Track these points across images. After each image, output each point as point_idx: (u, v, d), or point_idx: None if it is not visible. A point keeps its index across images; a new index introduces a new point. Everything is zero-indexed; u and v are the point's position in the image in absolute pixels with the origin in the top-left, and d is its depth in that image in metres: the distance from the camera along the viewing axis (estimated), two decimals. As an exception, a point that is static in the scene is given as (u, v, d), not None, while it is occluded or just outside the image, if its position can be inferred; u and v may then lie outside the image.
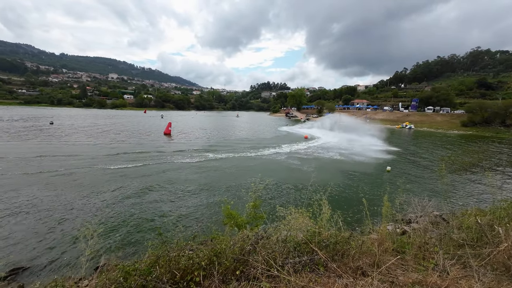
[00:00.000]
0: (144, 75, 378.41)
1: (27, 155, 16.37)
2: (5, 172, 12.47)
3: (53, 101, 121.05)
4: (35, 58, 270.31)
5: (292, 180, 13.12)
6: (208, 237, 5.86)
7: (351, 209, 9.14)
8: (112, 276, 3.07)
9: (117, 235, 7.14)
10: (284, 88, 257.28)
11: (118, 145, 22.01)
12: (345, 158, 19.68)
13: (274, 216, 8.08)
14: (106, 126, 39.62)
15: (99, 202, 9.39)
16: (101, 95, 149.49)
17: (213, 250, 3.12)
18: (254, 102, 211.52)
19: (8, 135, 24.94)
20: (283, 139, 31.25)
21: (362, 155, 21.19)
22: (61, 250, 6.38)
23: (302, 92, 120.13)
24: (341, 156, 20.47)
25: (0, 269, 5.51)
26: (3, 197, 9.49)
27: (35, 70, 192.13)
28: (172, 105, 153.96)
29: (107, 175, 12.77)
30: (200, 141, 26.74)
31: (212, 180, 12.68)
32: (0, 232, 7.10)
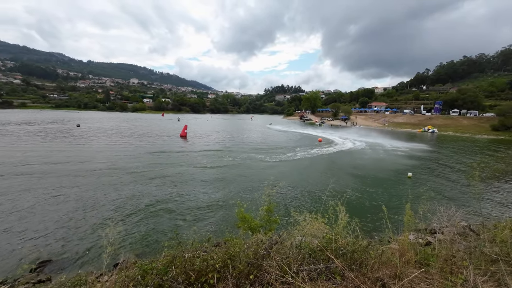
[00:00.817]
0: (162, 79, 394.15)
1: (53, 157, 17.60)
2: (36, 171, 13.50)
3: (80, 105, 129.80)
4: (66, 65, 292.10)
5: (307, 184, 12.88)
6: (222, 239, 5.90)
7: (369, 216, 8.77)
8: (130, 273, 3.18)
9: (135, 233, 7.41)
10: (298, 91, 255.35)
11: (138, 146, 22.98)
12: (363, 163, 19.01)
13: (288, 221, 7.97)
14: (127, 128, 41.64)
15: (120, 200, 9.83)
16: (123, 99, 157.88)
17: (227, 253, 3.12)
18: (268, 105, 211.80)
19: (42, 138, 27.03)
20: (298, 142, 30.88)
21: (381, 160, 20.34)
22: (85, 246, 6.73)
23: (317, 95, 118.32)
24: (360, 161, 19.80)
25: (31, 262, 5.93)
26: (35, 194, 10.25)
27: (65, 77, 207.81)
28: (188, 109, 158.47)
29: (127, 175, 13.36)
30: (215, 143, 27.17)
31: (225, 182, 12.80)
32: (32, 227, 7.65)
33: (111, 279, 5.26)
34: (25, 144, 22.05)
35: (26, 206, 8.99)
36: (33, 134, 29.06)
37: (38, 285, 5.38)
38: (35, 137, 26.69)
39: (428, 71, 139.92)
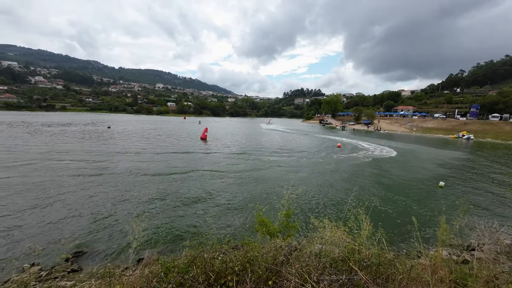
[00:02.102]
0: (185, 84, 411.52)
1: (87, 156, 19.12)
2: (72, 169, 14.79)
3: (111, 108, 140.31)
4: (100, 72, 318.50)
5: (327, 190, 12.48)
6: (240, 242, 5.92)
7: (396, 228, 8.22)
8: (154, 270, 3.32)
9: (158, 231, 7.73)
10: (318, 94, 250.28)
11: (162, 148, 24.13)
12: (389, 170, 17.96)
13: (308, 227, 7.76)
14: (153, 130, 44.02)
15: (144, 198, 10.35)
16: (149, 102, 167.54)
17: (246, 257, 3.12)
18: (286, 108, 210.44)
19: (79, 139, 29.60)
20: (318, 146, 30.14)
21: (409, 167, 19.05)
22: (113, 240, 7.17)
23: (338, 98, 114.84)
24: (386, 168, 18.75)
25: (67, 251, 6.47)
26: (71, 189, 11.21)
27: (99, 82, 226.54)
28: (208, 112, 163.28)
29: (152, 175, 14.05)
30: (234, 146, 27.55)
31: (244, 185, 12.88)
32: (67, 219, 8.35)
33: (135, 273, 5.53)
34: (64, 143, 24.31)
35: (63, 200, 9.86)
36: (71, 134, 32.01)
37: (72, 274, 5.82)
38: (73, 138, 29.34)
39: (462, 72, 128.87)
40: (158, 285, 2.74)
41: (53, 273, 5.84)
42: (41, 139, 26.39)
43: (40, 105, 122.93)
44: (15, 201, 9.54)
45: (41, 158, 16.98)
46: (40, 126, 40.48)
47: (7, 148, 20.22)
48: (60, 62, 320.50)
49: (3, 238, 6.97)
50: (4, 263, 5.57)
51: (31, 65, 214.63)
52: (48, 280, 5.47)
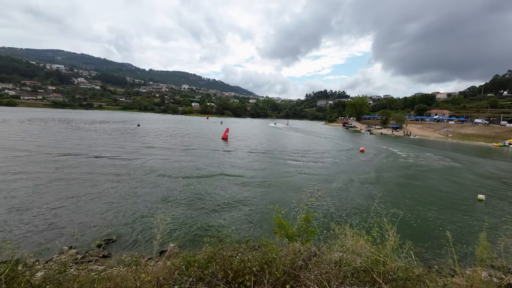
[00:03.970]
0: (209, 85, 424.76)
1: (117, 151, 20.63)
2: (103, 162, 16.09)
3: (141, 107, 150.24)
4: (132, 73, 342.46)
5: (350, 196, 11.97)
6: (258, 243, 5.93)
7: (426, 241, 7.59)
8: (175, 262, 3.48)
9: (181, 225, 8.07)
10: (342, 96, 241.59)
11: (187, 146, 25.20)
12: (420, 178, 16.68)
13: (328, 233, 7.52)
14: (178, 129, 46.21)
15: (169, 193, 10.90)
16: (174, 102, 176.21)
17: (264, 258, 3.13)
18: (308, 110, 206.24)
19: (113, 136, 32.12)
20: (341, 150, 29.06)
21: (443, 176, 17.48)
22: (140, 232, 7.65)
23: (364, 101, 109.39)
24: (415, 175, 17.45)
25: (100, 238, 7.06)
26: (104, 181, 12.21)
27: (131, 83, 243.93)
28: (230, 112, 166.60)
29: (177, 171, 14.74)
30: (254, 147, 27.73)
31: (264, 186, 12.89)
32: (102, 210, 9.11)
33: (158, 264, 5.83)
34: (101, 140, 26.62)
35: (98, 191, 10.78)
36: (107, 132, 34.92)
37: (102, 259, 6.33)
38: (108, 134, 31.98)
39: (511, 73, 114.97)
40: (179, 277, 2.86)
41: (87, 257, 6.40)
42: (81, 135, 29.21)
43: (81, 104, 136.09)
44: (59, 190, 10.66)
45: (81, 153, 18.76)
46: (81, 124, 44.73)
47: (55, 143, 22.69)
48: (99, 64, 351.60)
49: (50, 222, 7.83)
50: (49, 244, 6.25)
51: (75, 68, 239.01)
52: (83, 263, 6.00)
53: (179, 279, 2.83)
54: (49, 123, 41.32)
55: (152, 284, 2.88)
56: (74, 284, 3.07)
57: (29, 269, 3.20)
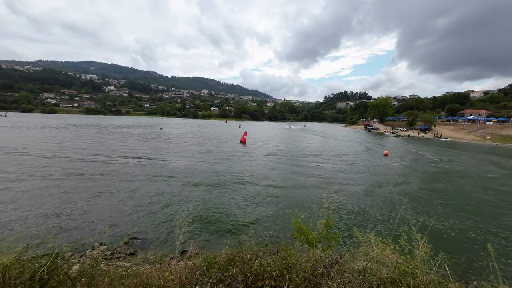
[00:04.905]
0: (227, 89, 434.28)
1: (143, 154, 21.81)
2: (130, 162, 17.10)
3: (164, 112, 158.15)
4: (156, 81, 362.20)
5: (375, 202, 11.36)
6: (277, 247, 5.86)
7: (463, 254, 6.93)
8: (196, 263, 3.56)
9: (201, 227, 8.25)
10: (364, 97, 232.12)
11: (205, 149, 25.92)
12: (453, 182, 15.35)
13: (349, 240, 7.20)
14: (198, 132, 47.77)
15: (190, 195, 11.25)
16: (194, 107, 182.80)
17: (284, 263, 3.08)
18: (327, 112, 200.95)
19: (139, 139, 34.12)
20: (363, 153, 27.80)
21: (481, 182, 15.89)
22: (163, 232, 7.95)
23: (388, 101, 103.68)
24: (452, 181, 16.10)
25: (127, 236, 7.49)
26: (131, 181, 12.97)
27: (155, 90, 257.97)
28: (248, 116, 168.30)
29: (198, 174, 15.19)
30: (272, 150, 27.62)
31: (282, 190, 12.75)
32: (130, 209, 9.67)
33: (179, 264, 6.01)
34: (129, 143, 28.43)
35: (125, 192, 11.48)
36: (134, 135, 37.23)
37: (129, 256, 6.69)
38: (134, 138, 34.06)
39: None
40: (200, 278, 2.93)
41: (115, 253, 6.81)
42: (111, 139, 31.45)
43: (111, 110, 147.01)
44: (92, 190, 11.55)
45: (111, 156, 20.17)
46: (111, 129, 48.19)
47: (89, 146, 24.70)
48: (126, 73, 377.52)
49: (84, 220, 8.49)
50: (84, 240, 6.77)
51: (106, 77, 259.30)
52: (111, 259, 6.40)
53: (200, 279, 2.90)
54: (83, 128, 45.15)
55: (175, 283, 2.98)
56: (105, 279, 3.29)
57: (66, 262, 3.50)
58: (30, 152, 19.53)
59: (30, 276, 2.74)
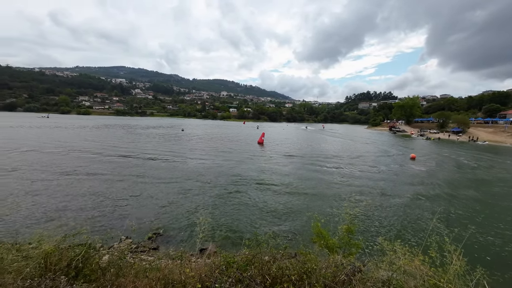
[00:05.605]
0: (246, 91, 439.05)
1: (166, 154, 22.80)
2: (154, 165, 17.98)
3: (185, 113, 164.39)
4: (179, 83, 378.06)
5: (400, 208, 10.69)
6: (296, 250, 5.77)
7: (507, 271, 6.24)
8: (215, 261, 3.64)
9: (220, 227, 8.41)
10: (388, 97, 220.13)
11: (224, 150, 26.42)
12: (500, 193, 13.92)
13: (373, 248, 6.84)
14: (217, 134, 48.86)
15: (210, 193, 11.55)
16: (214, 108, 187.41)
17: (303, 268, 3.02)
18: (349, 114, 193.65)
19: (162, 140, 35.81)
20: (388, 156, 26.32)
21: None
22: (184, 228, 8.25)
23: (415, 102, 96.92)
24: (493, 190, 14.64)
25: (151, 231, 7.88)
26: (152, 180, 13.65)
27: (177, 92, 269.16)
28: (266, 117, 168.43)
29: (217, 174, 15.54)
30: (290, 151, 27.28)
31: (301, 193, 12.52)
32: (154, 206, 10.17)
33: (198, 261, 6.15)
34: (154, 143, 30.01)
35: (150, 189, 12.11)
36: (158, 135, 39.18)
37: (152, 251, 7.02)
38: (158, 138, 35.83)
39: None
40: (219, 276, 2.98)
41: (139, 247, 7.19)
42: (137, 139, 33.44)
43: (137, 111, 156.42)
44: (121, 186, 12.37)
45: (138, 155, 21.42)
46: (137, 129, 51.20)
47: (118, 145, 26.49)
48: (151, 77, 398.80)
49: (114, 214, 9.11)
50: (113, 233, 7.26)
51: (133, 81, 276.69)
52: (136, 253, 6.77)
53: (219, 278, 2.95)
54: (113, 129, 48.55)
55: (195, 279, 3.06)
56: (131, 271, 3.49)
57: (97, 253, 3.77)
58: (69, 151, 21.46)
59: (67, 263, 3.01)
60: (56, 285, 2.50)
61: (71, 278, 2.85)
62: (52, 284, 2.50)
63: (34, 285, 2.44)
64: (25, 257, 3.22)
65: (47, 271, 2.83)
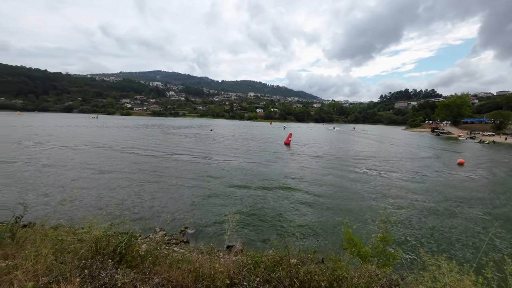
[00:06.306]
0: (273, 91, 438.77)
1: (197, 152, 23.93)
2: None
3: (214, 114, 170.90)
4: (208, 85, 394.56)
5: (445, 218, 9.58)
6: (323, 255, 5.56)
7: None
8: (244, 259, 3.70)
9: (247, 225, 8.55)
10: (430, 95, 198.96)
11: (252, 149, 26.78)
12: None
13: (412, 261, 6.24)
14: (244, 134, 49.77)
15: (239, 195, 11.81)
16: (241, 109, 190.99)
17: (334, 274, 2.90)
18: (383, 114, 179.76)
19: (193, 139, 37.74)
20: (428, 160, 23.76)
21: None
22: (213, 225, 8.59)
23: (464, 100, 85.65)
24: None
25: (182, 225, 8.37)
26: (185, 178, 14.45)
27: (207, 94, 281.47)
28: (293, 118, 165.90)
29: (246, 173, 15.85)
30: (318, 153, 26.41)
31: (330, 196, 12.04)
32: (186, 202, 10.79)
33: (226, 258, 6.32)
34: (186, 142, 31.85)
35: (185, 186, 12.86)
36: (189, 135, 41.49)
37: (183, 244, 7.44)
38: (190, 137, 37.91)
39: None
40: (247, 275, 3.02)
41: (172, 239, 7.68)
42: (171, 138, 35.85)
43: (171, 112, 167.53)
44: (159, 183, 13.41)
45: (173, 153, 22.97)
46: (171, 129, 54.84)
47: (154, 144, 28.74)
48: (184, 79, 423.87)
49: (151, 207, 9.93)
50: (150, 224, 7.90)
51: (168, 84, 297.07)
52: (169, 244, 7.24)
53: (248, 276, 2.99)
54: (150, 128, 52.86)
55: (224, 275, 3.15)
56: (165, 261, 3.74)
57: (137, 242, 4.13)
58: (114, 149, 23.98)
59: (113, 249, 3.35)
60: (105, 267, 2.80)
61: (116, 262, 3.17)
62: (102, 266, 2.81)
63: (87, 265, 2.78)
64: (79, 240, 3.69)
65: (97, 254, 3.19)
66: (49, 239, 3.40)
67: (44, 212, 8.41)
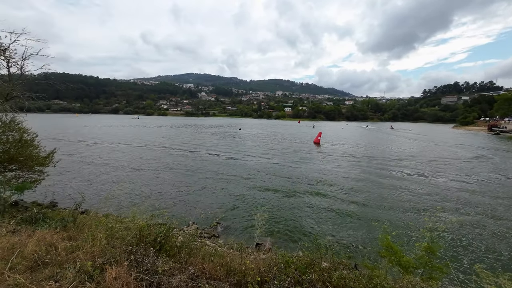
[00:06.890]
0: (301, 89, 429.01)
1: (227, 151, 24.68)
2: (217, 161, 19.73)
3: (242, 113, 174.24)
4: (237, 85, 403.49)
5: (506, 230, 8.25)
6: (356, 261, 5.24)
7: None
8: (273, 258, 3.69)
9: (276, 225, 8.55)
10: (487, 89, 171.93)
11: (280, 148, 26.65)
12: None
13: (464, 276, 5.50)
14: (272, 133, 49.75)
15: (267, 194, 11.91)
16: (269, 108, 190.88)
17: (371, 283, 2.71)
18: (427, 110, 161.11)
19: (223, 138, 39.10)
20: (484, 163, 20.61)
21: None
22: (243, 223, 8.78)
23: (535, 93, 72.08)
24: None
25: (214, 220, 8.74)
26: (218, 176, 15.04)
27: (236, 93, 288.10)
28: (322, 116, 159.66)
29: (272, 175, 15.87)
30: (350, 153, 24.97)
31: (364, 199, 11.29)
32: (219, 199, 11.25)
33: (255, 254, 6.39)
34: (217, 141, 33.23)
35: (218, 183, 13.44)
36: (219, 134, 43.11)
37: (213, 238, 7.76)
38: (220, 136, 39.39)
39: None
40: (278, 274, 3.00)
41: (203, 233, 8.07)
42: (203, 137, 37.69)
43: (202, 112, 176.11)
44: (194, 180, 14.25)
45: (206, 152, 24.19)
46: (203, 128, 57.64)
47: (190, 142, 30.55)
48: (214, 81, 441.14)
49: (186, 202, 10.61)
50: (185, 218, 8.43)
51: (199, 85, 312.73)
52: (201, 237, 7.62)
53: (278, 275, 2.97)
54: (183, 128, 56.36)
55: (254, 272, 3.19)
56: (199, 253, 3.94)
57: (173, 233, 4.44)
58: (153, 147, 26.20)
59: (154, 238, 3.66)
60: (147, 254, 3.07)
61: (156, 251, 3.46)
62: (145, 253, 3.09)
63: (133, 251, 3.08)
64: (126, 228, 4.11)
65: (140, 242, 3.52)
66: (102, 225, 3.87)
67: (97, 201, 9.60)
